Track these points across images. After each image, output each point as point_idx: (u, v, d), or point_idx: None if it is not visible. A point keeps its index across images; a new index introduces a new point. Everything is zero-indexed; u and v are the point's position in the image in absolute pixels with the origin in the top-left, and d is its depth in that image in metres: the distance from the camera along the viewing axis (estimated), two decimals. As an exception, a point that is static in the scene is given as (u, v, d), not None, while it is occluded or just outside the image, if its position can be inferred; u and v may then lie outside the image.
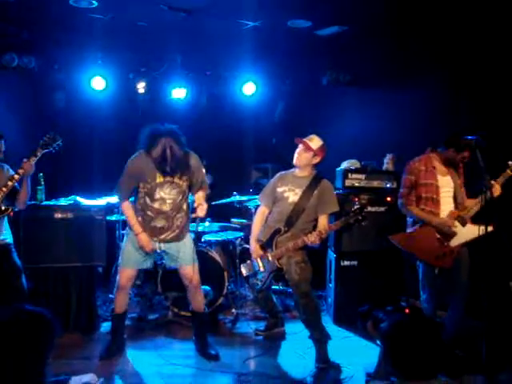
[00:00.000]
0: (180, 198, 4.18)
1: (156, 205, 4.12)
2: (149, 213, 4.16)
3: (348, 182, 5.41)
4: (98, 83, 6.38)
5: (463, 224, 4.22)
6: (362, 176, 5.42)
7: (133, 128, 4.37)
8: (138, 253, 4.26)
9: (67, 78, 6.32)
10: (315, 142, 4.42)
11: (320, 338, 4.36)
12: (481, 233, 4.06)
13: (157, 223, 4.17)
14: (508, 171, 4.14)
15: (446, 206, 4.29)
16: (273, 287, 5.32)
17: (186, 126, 4.52)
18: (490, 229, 4.03)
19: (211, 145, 6.46)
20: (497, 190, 4.08)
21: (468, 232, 4.20)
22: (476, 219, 4.19)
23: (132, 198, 4.29)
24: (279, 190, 4.52)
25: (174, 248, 4.30)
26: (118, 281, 4.36)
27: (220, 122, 6.99)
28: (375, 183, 5.43)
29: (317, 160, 4.44)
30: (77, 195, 5.15)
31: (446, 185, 4.31)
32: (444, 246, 4.21)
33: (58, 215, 4.84)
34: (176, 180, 4.11)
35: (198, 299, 4.46)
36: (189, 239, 4.38)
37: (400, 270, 5.29)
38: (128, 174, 4.15)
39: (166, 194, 4.10)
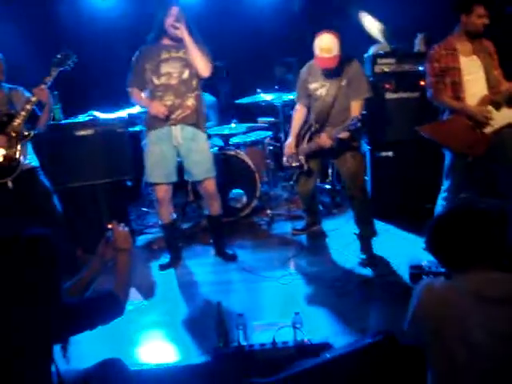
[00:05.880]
0: (187, 73, 4.15)
1: (163, 80, 4.14)
2: (158, 93, 4.15)
3: (377, 68, 5.05)
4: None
5: (497, 108, 3.92)
6: (392, 60, 5.04)
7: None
8: (159, 166, 4.21)
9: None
10: (330, 46, 3.92)
11: (369, 235, 4.29)
12: None
13: (166, 101, 4.13)
14: None
15: (475, 90, 3.92)
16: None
17: (200, 26, 4.21)
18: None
19: (228, 44, 6.10)
20: None
21: (503, 116, 3.90)
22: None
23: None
24: (311, 86, 4.23)
25: (192, 147, 4.21)
26: (155, 196, 4.41)
27: (235, 17, 6.54)
28: (407, 67, 5.04)
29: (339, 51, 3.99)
30: (94, 110, 4.95)
31: (472, 66, 3.93)
32: (477, 134, 3.93)
33: (80, 132, 4.69)
34: (180, 54, 4.15)
35: (215, 205, 4.47)
36: (205, 145, 4.31)
37: (437, 159, 5.05)
38: (134, 64, 4.21)
39: (172, 68, 4.14)
